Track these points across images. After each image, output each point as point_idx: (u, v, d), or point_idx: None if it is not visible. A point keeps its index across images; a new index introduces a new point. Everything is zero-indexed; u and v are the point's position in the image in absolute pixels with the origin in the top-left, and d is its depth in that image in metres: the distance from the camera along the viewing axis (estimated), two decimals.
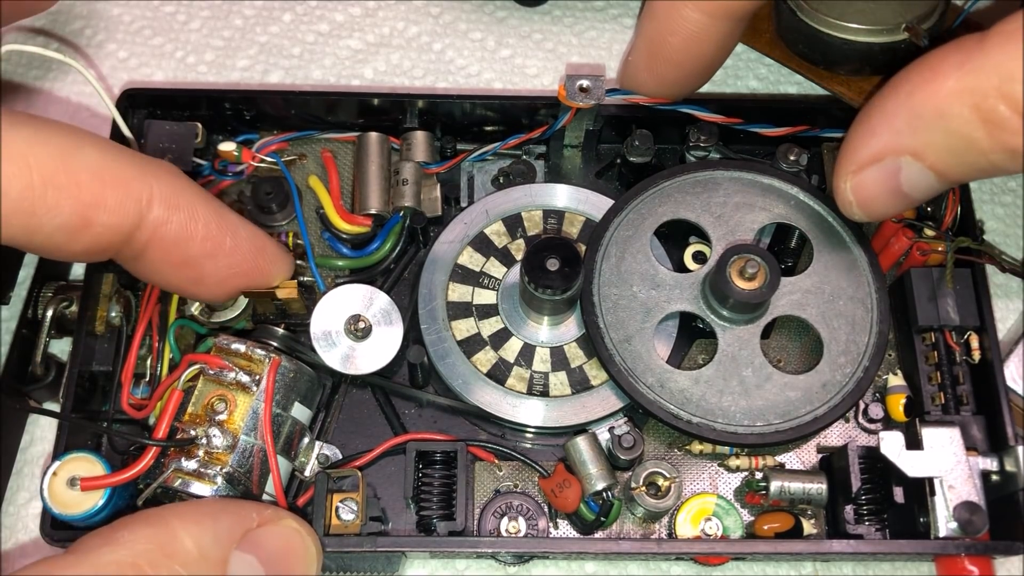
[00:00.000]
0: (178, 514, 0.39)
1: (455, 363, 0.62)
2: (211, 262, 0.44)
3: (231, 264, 0.45)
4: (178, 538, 0.38)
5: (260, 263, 0.46)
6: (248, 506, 0.43)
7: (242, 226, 0.45)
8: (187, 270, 0.44)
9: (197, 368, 0.58)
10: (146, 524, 0.39)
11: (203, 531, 0.39)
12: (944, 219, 0.64)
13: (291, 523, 0.43)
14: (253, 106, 0.70)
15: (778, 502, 0.61)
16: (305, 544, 0.43)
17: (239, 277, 0.46)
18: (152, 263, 0.43)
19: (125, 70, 0.79)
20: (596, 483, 0.58)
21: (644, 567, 0.63)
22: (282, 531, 0.42)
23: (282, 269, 0.48)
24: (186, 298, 0.56)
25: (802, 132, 0.68)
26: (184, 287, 0.45)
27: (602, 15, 0.83)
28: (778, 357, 0.65)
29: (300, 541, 0.43)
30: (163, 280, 0.44)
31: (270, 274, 0.48)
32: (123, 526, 0.39)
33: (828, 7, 0.66)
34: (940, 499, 0.57)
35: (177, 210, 0.42)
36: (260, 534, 0.41)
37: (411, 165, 0.68)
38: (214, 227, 0.44)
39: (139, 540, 0.38)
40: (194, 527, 0.39)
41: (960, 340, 0.63)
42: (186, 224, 0.43)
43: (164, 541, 0.38)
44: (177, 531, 0.38)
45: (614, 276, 0.63)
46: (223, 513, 0.41)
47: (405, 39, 0.81)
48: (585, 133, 0.69)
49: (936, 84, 0.41)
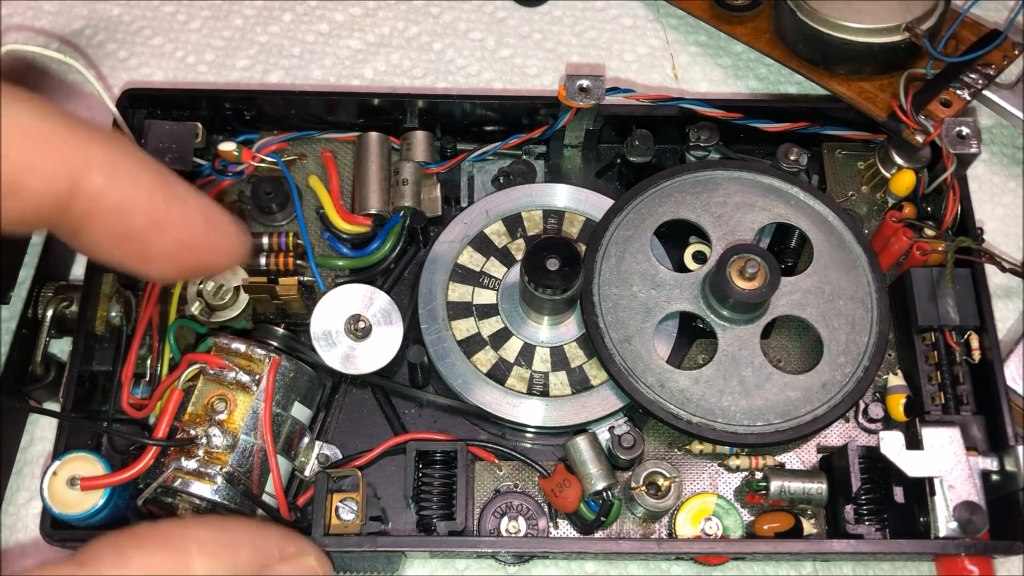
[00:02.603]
0: (198, 541, 0.37)
1: (455, 363, 0.62)
2: (157, 236, 0.40)
3: (180, 238, 0.41)
4: (192, 568, 0.37)
5: (213, 238, 0.43)
6: (272, 537, 0.41)
7: (192, 197, 0.42)
8: (131, 244, 0.40)
9: (197, 368, 0.58)
10: (163, 548, 0.37)
11: (220, 564, 0.37)
12: (944, 219, 0.64)
13: (312, 562, 0.41)
14: (253, 106, 0.70)
15: (778, 502, 0.61)
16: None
17: (190, 253, 0.42)
18: (93, 236, 0.40)
19: (125, 70, 0.79)
20: (596, 483, 0.58)
21: (644, 567, 0.63)
22: (301, 569, 0.41)
23: (237, 246, 0.44)
24: (136, 277, 0.53)
25: (802, 129, 0.68)
26: (130, 263, 0.42)
27: (602, 15, 0.83)
28: (778, 357, 0.65)
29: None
30: (107, 255, 0.41)
31: (225, 251, 0.44)
32: (138, 545, 0.37)
33: (828, 7, 0.66)
34: (940, 499, 0.57)
35: (117, 178, 0.39)
36: (278, 572, 0.40)
37: (411, 165, 0.68)
38: (160, 198, 0.40)
39: (151, 565, 0.36)
40: (211, 559, 0.37)
41: (960, 340, 0.63)
42: (128, 193, 0.39)
43: (177, 570, 0.36)
44: (193, 560, 0.37)
45: (614, 276, 0.63)
46: (244, 546, 0.39)
47: (405, 39, 0.81)
48: (585, 133, 0.69)
49: None
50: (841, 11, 0.66)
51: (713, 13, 0.74)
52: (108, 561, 0.36)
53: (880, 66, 0.67)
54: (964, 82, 0.66)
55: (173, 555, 0.36)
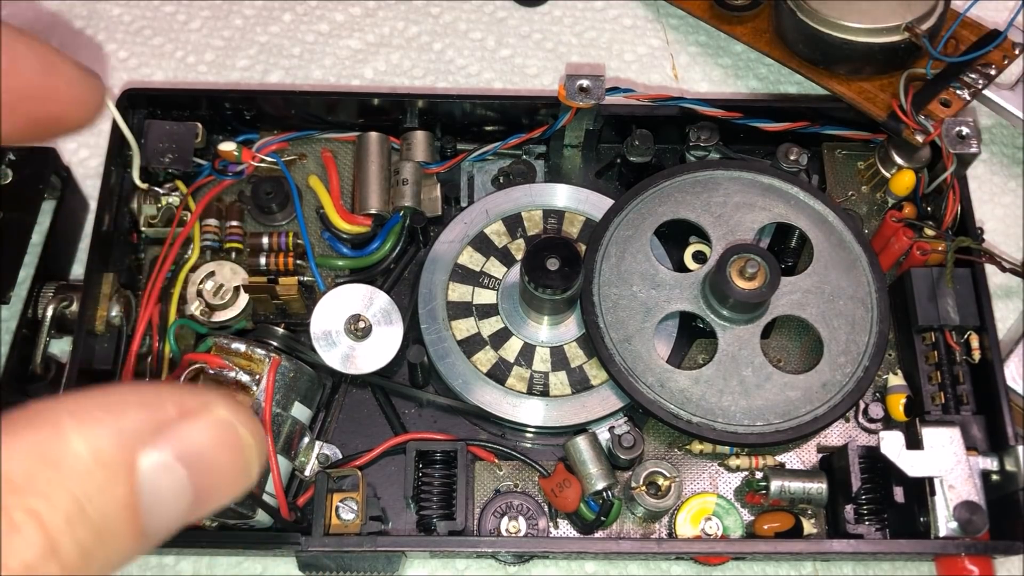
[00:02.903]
0: (71, 411, 0.30)
1: (455, 363, 0.62)
2: None
3: (13, 87, 0.37)
4: (68, 441, 0.29)
5: (53, 84, 0.38)
6: (165, 392, 0.32)
7: (21, 39, 0.37)
8: None
9: (197, 368, 0.58)
10: (30, 426, 0.29)
11: (102, 429, 0.30)
12: (944, 219, 0.64)
13: (222, 412, 0.32)
14: (253, 106, 0.70)
15: (778, 502, 0.61)
16: (241, 441, 0.32)
17: (28, 103, 0.37)
18: None
19: (125, 70, 0.79)
20: (596, 483, 0.58)
21: (644, 567, 0.63)
22: (210, 425, 0.32)
23: (85, 92, 0.39)
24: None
25: (802, 129, 0.68)
26: None
27: (602, 15, 0.83)
28: (778, 357, 0.65)
29: (234, 437, 0.32)
30: None
31: (70, 98, 0.39)
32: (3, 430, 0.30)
33: (828, 7, 0.66)
34: (940, 499, 0.57)
35: None
36: (180, 430, 0.31)
37: (411, 165, 0.68)
38: None
39: (20, 449, 0.29)
40: (90, 427, 0.30)
41: (960, 340, 0.63)
42: None
43: (49, 448, 0.29)
44: (68, 433, 0.29)
45: (614, 276, 0.63)
46: (129, 405, 0.30)
47: (405, 39, 0.81)
48: (585, 133, 0.69)
49: None
50: (841, 11, 0.66)
51: (713, 13, 0.74)
52: None
53: (880, 66, 0.67)
54: (964, 82, 0.66)
55: (43, 432, 0.29)
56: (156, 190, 0.67)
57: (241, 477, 0.32)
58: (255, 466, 0.33)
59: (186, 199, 0.67)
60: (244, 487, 0.32)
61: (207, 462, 0.31)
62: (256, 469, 0.33)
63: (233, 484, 0.32)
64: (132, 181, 0.66)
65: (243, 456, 0.32)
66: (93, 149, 0.75)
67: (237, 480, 0.32)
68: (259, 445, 0.33)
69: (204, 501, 0.31)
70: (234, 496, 0.32)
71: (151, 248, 0.68)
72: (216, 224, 0.67)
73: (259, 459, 0.33)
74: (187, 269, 0.65)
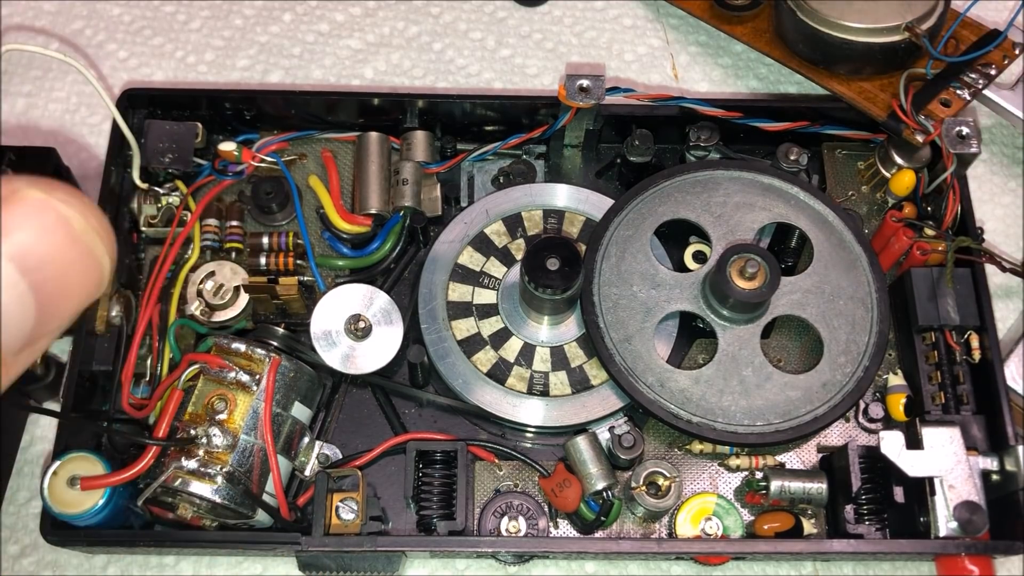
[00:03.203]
0: None
1: (455, 363, 0.62)
2: None
3: None
4: None
5: None
6: None
7: None
8: None
9: (197, 368, 0.58)
10: None
11: None
12: (944, 219, 0.64)
13: (36, 193, 0.26)
14: (253, 106, 0.70)
15: (778, 502, 0.61)
16: (72, 226, 0.26)
17: None
18: None
19: (125, 70, 0.79)
20: (596, 483, 0.58)
21: (644, 567, 0.63)
22: (28, 209, 0.26)
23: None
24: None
25: (802, 128, 0.68)
26: None
27: (602, 15, 0.83)
28: (778, 357, 0.65)
29: (60, 221, 0.26)
30: None
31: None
32: None
33: (828, 7, 0.66)
34: (940, 499, 0.57)
35: None
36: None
37: (411, 165, 0.68)
38: None
39: None
40: None
41: (960, 340, 0.63)
42: None
43: None
44: None
45: (614, 276, 0.63)
46: None
47: (405, 39, 0.81)
48: (585, 133, 0.69)
49: None
50: (841, 11, 0.66)
51: (713, 13, 0.74)
52: None
53: (880, 66, 0.67)
54: (964, 82, 0.66)
55: None
56: (156, 190, 0.67)
57: (85, 265, 0.27)
58: (102, 254, 0.27)
59: (186, 199, 0.67)
60: (95, 280, 0.27)
61: (34, 253, 0.26)
62: (105, 258, 0.27)
63: (80, 275, 0.26)
64: (132, 181, 0.66)
65: (81, 242, 0.26)
66: (93, 149, 0.75)
67: (83, 270, 0.26)
68: (99, 230, 0.27)
69: (52, 300, 0.26)
70: (89, 292, 0.27)
71: (151, 248, 0.68)
72: (216, 224, 0.67)
73: (105, 246, 0.27)
74: (187, 269, 0.65)
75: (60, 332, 0.27)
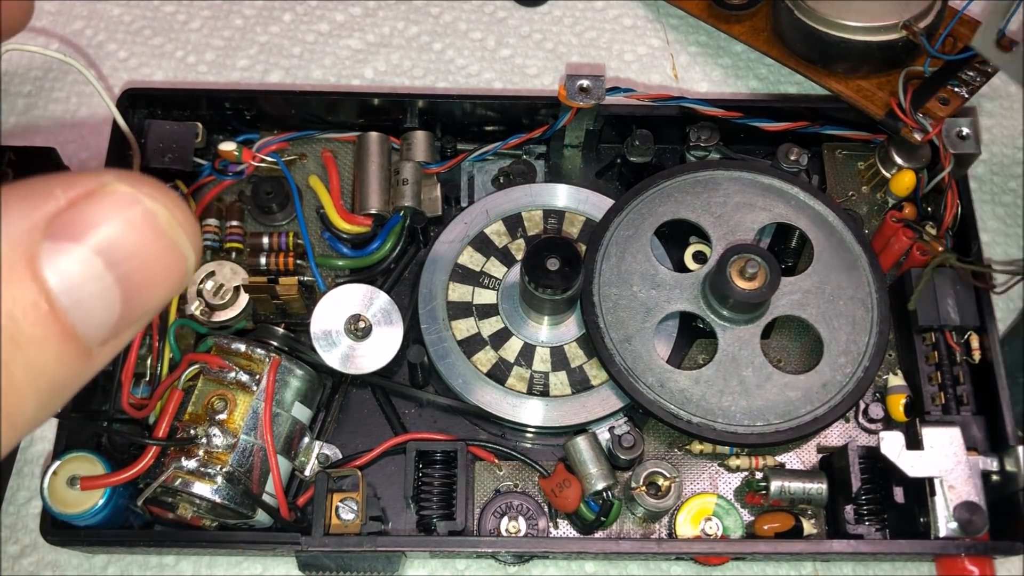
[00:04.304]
0: None
1: (455, 363, 0.62)
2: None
3: None
4: None
5: None
6: (49, 180, 0.26)
7: None
8: None
9: (197, 368, 0.58)
10: None
11: None
12: (944, 219, 0.64)
13: (123, 187, 0.26)
14: (253, 106, 0.70)
15: (778, 502, 0.61)
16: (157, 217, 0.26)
17: None
18: None
19: (125, 70, 0.79)
20: (596, 483, 0.58)
21: (644, 567, 0.63)
22: (113, 204, 0.26)
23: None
24: None
25: (802, 128, 0.68)
26: None
27: (602, 15, 0.83)
28: (778, 357, 0.65)
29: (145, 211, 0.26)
30: None
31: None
32: None
33: (825, 5, 0.66)
34: (940, 499, 0.57)
35: None
36: (79, 214, 0.25)
37: (411, 165, 0.68)
38: None
39: None
40: None
41: (960, 340, 0.63)
42: None
43: None
44: None
45: (614, 276, 0.63)
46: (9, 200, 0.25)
47: (405, 39, 0.81)
48: (585, 133, 0.69)
49: None
50: (838, 9, 0.66)
51: (711, 12, 0.74)
52: None
53: (878, 64, 0.67)
54: (962, 79, 0.66)
55: None
56: None
57: (170, 259, 0.27)
58: (187, 248, 0.27)
59: (186, 199, 0.67)
60: (180, 274, 0.27)
61: (121, 246, 0.26)
62: (190, 252, 0.27)
63: (165, 269, 0.27)
64: None
65: (167, 236, 0.26)
66: (93, 150, 0.75)
67: (168, 264, 0.27)
68: (185, 224, 0.27)
69: (137, 293, 0.26)
70: (174, 286, 0.27)
71: None
72: (216, 224, 0.67)
73: (190, 241, 0.27)
74: None
75: (144, 325, 0.28)
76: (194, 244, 0.28)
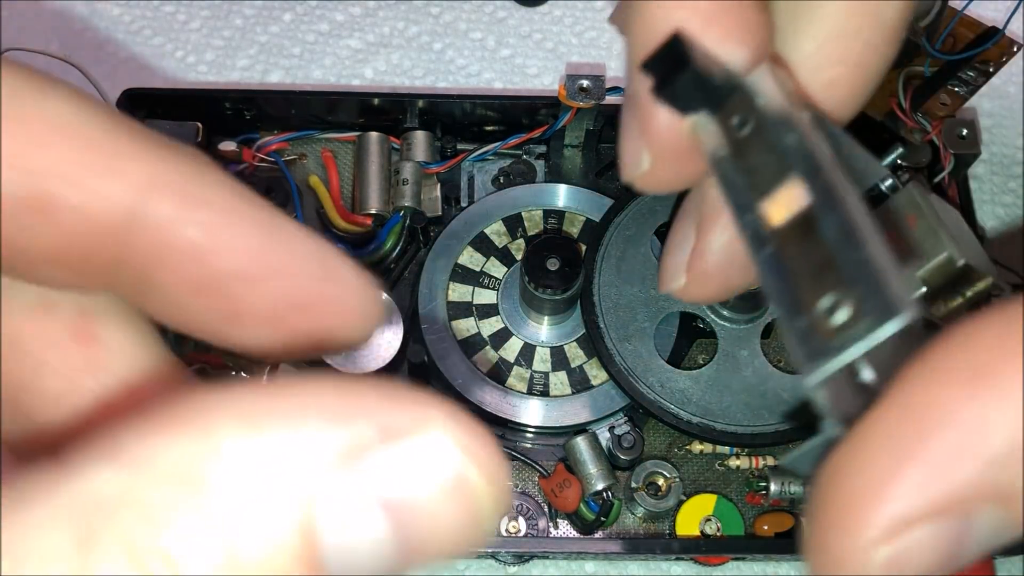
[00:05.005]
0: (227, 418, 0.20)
1: (455, 363, 0.62)
2: (252, 288, 0.27)
3: (284, 292, 0.28)
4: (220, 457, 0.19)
5: (330, 293, 0.28)
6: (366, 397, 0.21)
7: (300, 236, 0.29)
8: (215, 300, 0.27)
9: (197, 368, 0.58)
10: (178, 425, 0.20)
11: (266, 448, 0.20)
12: None
13: (444, 437, 0.21)
14: (253, 106, 0.70)
15: (778, 502, 0.61)
16: (470, 483, 0.21)
17: (298, 313, 0.28)
18: (162, 290, 0.27)
19: (125, 70, 0.79)
20: (596, 483, 0.58)
21: (644, 567, 0.63)
22: (427, 455, 0.21)
23: (365, 307, 0.28)
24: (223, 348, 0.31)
25: None
26: (213, 325, 0.28)
27: (602, 15, 0.83)
28: (778, 357, 0.65)
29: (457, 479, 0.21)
30: (181, 317, 0.28)
31: (345, 310, 0.28)
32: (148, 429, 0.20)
33: None
34: None
35: (195, 206, 0.26)
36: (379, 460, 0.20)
37: (411, 165, 0.68)
38: (255, 235, 0.28)
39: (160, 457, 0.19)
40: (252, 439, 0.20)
41: None
42: (210, 227, 0.27)
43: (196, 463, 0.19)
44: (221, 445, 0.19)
45: (614, 276, 0.63)
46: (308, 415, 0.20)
47: (405, 39, 0.81)
48: (585, 133, 0.69)
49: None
50: None
51: None
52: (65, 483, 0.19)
53: None
54: (962, 80, 0.66)
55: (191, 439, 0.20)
56: None
57: (464, 532, 0.21)
58: (488, 517, 0.22)
59: None
60: (469, 539, 0.22)
61: (414, 510, 0.20)
62: (490, 521, 0.22)
63: (452, 541, 0.21)
64: None
65: (471, 505, 0.21)
66: None
67: (458, 536, 0.21)
68: (494, 483, 0.21)
69: (408, 558, 0.21)
70: (459, 550, 0.22)
71: None
72: None
73: (494, 505, 0.21)
74: None
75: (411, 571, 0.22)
76: (497, 509, 0.22)
